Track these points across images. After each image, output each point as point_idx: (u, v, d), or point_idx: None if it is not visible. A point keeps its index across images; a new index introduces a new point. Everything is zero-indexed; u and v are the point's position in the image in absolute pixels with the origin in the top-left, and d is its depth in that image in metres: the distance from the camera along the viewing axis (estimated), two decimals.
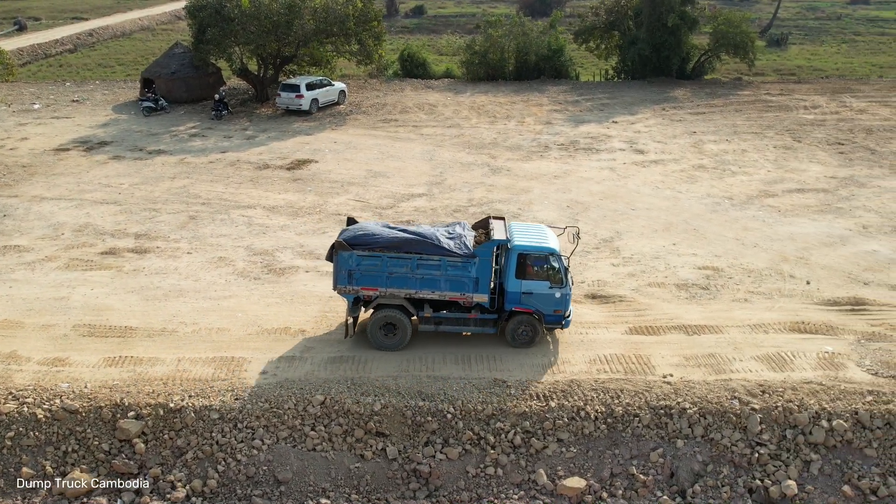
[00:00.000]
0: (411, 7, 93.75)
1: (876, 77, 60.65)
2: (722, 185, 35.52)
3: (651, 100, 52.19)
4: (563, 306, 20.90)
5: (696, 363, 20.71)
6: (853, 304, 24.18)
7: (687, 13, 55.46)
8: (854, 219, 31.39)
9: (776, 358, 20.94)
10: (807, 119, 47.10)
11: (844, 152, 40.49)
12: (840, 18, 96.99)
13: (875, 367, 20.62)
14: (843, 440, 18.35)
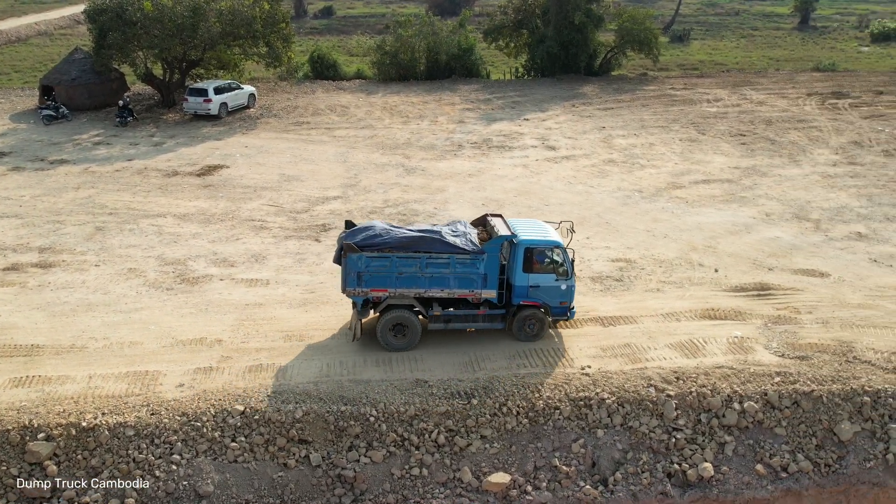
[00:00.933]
0: (320, 8, 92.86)
1: (773, 70, 63.12)
2: (632, 178, 36.40)
3: (561, 97, 53.08)
4: (568, 298, 21.30)
5: (612, 354, 21.15)
6: (759, 290, 25.12)
7: (593, 11, 56.62)
8: (757, 207, 32.62)
9: (689, 345, 21.58)
10: (710, 112, 48.70)
11: (746, 143, 42.02)
12: (738, 14, 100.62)
13: (781, 349, 21.46)
14: (755, 421, 19.04)
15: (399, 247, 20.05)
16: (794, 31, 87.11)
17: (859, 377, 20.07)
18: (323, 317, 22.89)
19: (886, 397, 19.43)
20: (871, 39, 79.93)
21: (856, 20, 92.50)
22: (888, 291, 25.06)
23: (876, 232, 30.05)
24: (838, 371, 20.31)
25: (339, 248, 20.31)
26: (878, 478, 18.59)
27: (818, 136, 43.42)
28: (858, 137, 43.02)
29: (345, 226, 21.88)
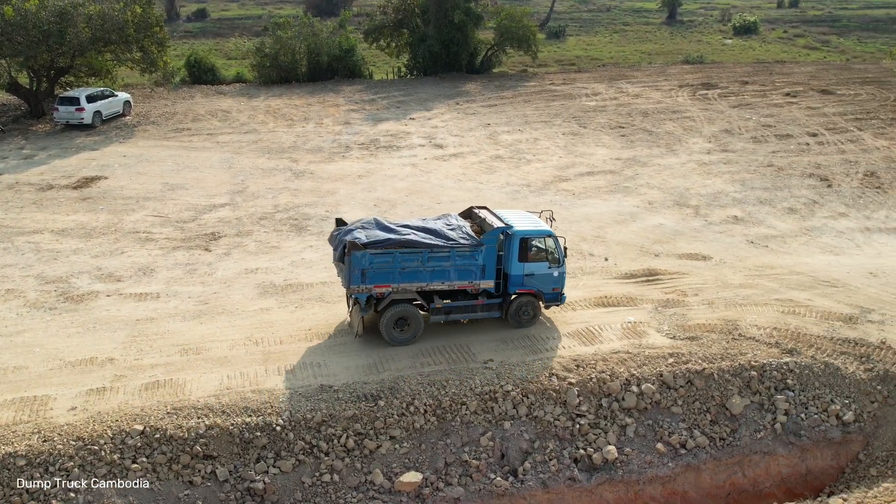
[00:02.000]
0: (193, 10, 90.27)
1: (646, 64, 65.61)
2: (519, 173, 37.09)
3: (445, 95, 53.52)
4: (560, 284, 22.03)
5: (513, 346, 21.49)
6: (648, 275, 26.07)
7: (472, 9, 57.35)
8: (640, 196, 33.85)
9: (586, 333, 22.18)
10: (590, 106, 50.18)
11: (626, 135, 43.53)
12: (609, 10, 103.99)
13: (672, 332, 22.36)
14: (652, 402, 19.76)
15: (402, 244, 20.33)
16: (662, 25, 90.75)
17: (745, 353, 21.13)
18: (219, 328, 22.29)
19: (771, 370, 20.53)
20: (733, 32, 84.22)
21: (719, 14, 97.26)
22: (766, 271, 26.48)
23: (751, 215, 31.72)
24: (726, 349, 21.33)
25: (343, 247, 20.31)
26: (768, 447, 19.63)
27: (692, 125, 45.43)
28: (729, 126, 45.28)
29: (335, 223, 22.16)
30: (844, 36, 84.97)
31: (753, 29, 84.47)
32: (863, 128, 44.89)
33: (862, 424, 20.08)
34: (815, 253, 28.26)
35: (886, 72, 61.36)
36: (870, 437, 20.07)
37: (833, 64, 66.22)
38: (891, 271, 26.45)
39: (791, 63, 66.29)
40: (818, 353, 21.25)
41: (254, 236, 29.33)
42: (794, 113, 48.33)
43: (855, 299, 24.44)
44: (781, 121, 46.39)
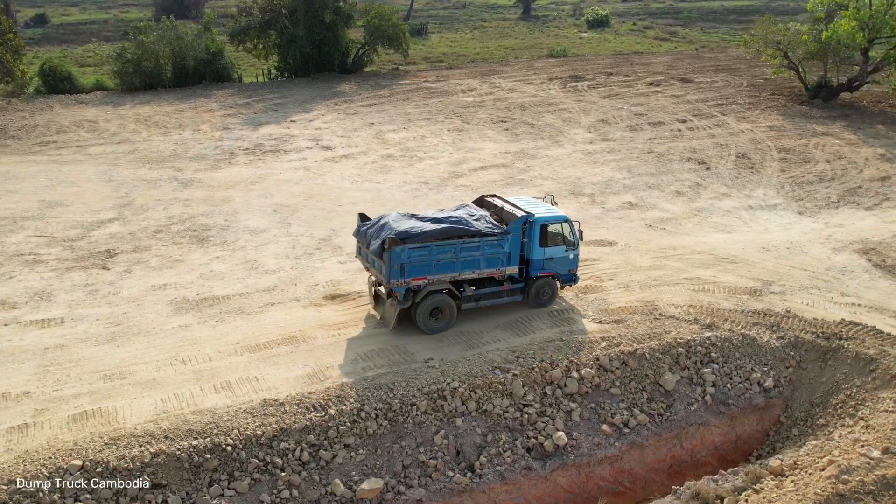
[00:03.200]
0: (31, 16, 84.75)
1: (513, 59, 67.09)
2: (414, 171, 37.09)
3: (321, 96, 52.73)
4: (574, 265, 23.47)
5: (448, 343, 21.50)
6: None
7: (341, 9, 56.76)
8: (536, 187, 34.59)
9: (517, 324, 22.48)
10: (468, 101, 50.79)
11: (509, 128, 44.39)
12: (465, 7, 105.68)
13: (598, 316, 23.04)
14: (593, 385, 20.28)
15: (438, 236, 20.88)
16: (519, 21, 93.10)
17: (669, 331, 22.06)
18: (139, 349, 21.07)
19: (696, 346, 21.53)
20: (587, 26, 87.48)
21: (570, 8, 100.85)
22: (669, 252, 27.72)
23: (643, 200, 33.11)
24: (651, 328, 22.19)
25: (382, 243, 20.54)
26: (701, 418, 20.60)
27: (570, 117, 46.88)
28: (604, 116, 47.03)
29: (359, 219, 22.61)
30: (689, 27, 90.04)
31: (606, 22, 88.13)
32: (725, 113, 47.77)
33: (781, 389, 21.41)
34: (709, 232, 29.85)
35: (734, 59, 65.47)
36: (788, 400, 21.42)
37: (686, 54, 70.02)
38: (780, 245, 28.31)
39: (647, 54, 69.58)
40: (734, 326, 22.47)
41: (153, 251, 27.88)
42: (660, 101, 50.78)
43: (755, 273, 26.00)
44: (651, 109, 48.64)
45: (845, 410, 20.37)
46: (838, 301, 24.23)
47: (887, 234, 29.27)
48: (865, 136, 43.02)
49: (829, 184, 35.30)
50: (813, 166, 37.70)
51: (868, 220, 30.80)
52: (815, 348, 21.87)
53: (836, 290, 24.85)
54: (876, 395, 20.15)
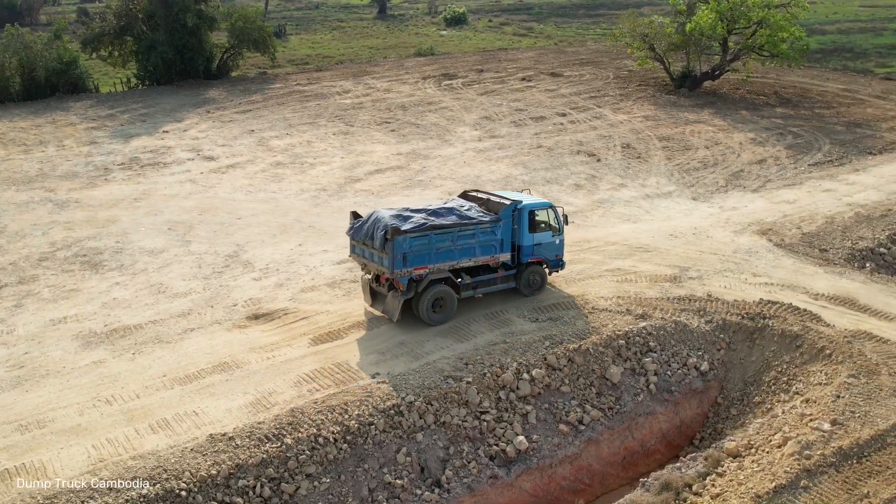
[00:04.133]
0: None
1: (381, 58, 66.42)
2: (308, 178, 35.84)
3: (191, 104, 50.19)
4: (561, 251, 24.25)
5: (392, 355, 20.74)
6: None
7: (204, 12, 54.21)
8: (437, 188, 34.23)
9: (456, 330, 21.96)
10: (346, 104, 49.75)
11: (395, 129, 43.77)
12: (319, 7, 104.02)
13: (533, 315, 22.89)
14: (544, 385, 20.09)
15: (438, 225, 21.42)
16: (376, 20, 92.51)
17: (606, 324, 22.22)
18: (53, 393, 19.05)
19: (634, 336, 21.78)
20: (446, 24, 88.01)
21: (426, 7, 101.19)
22: (584, 245, 28.00)
23: (545, 195, 33.31)
24: (588, 323, 22.27)
25: (384, 233, 20.82)
26: (648, 408, 20.84)
27: (452, 115, 46.80)
28: (486, 113, 47.26)
29: (351, 217, 22.95)
30: (543, 22, 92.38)
31: (463, 20, 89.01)
32: (601, 105, 49.13)
33: (716, 371, 22.00)
34: (616, 223, 30.44)
35: (595, 53, 67.63)
36: (723, 382, 22.04)
37: (548, 49, 71.67)
38: (686, 231, 29.23)
39: (512, 50, 70.71)
40: (665, 314, 22.91)
41: (42, 281, 25.45)
42: (536, 96, 51.61)
43: (670, 260, 26.69)
44: (529, 104, 49.33)
45: (779, 386, 21.17)
46: (752, 282, 25.22)
47: (778, 215, 30.83)
48: (733, 121, 45.37)
49: (713, 169, 36.89)
50: (694, 153, 39.31)
51: (758, 202, 32.37)
52: (743, 329, 22.63)
53: (748, 272, 25.85)
54: (806, 370, 21.05)
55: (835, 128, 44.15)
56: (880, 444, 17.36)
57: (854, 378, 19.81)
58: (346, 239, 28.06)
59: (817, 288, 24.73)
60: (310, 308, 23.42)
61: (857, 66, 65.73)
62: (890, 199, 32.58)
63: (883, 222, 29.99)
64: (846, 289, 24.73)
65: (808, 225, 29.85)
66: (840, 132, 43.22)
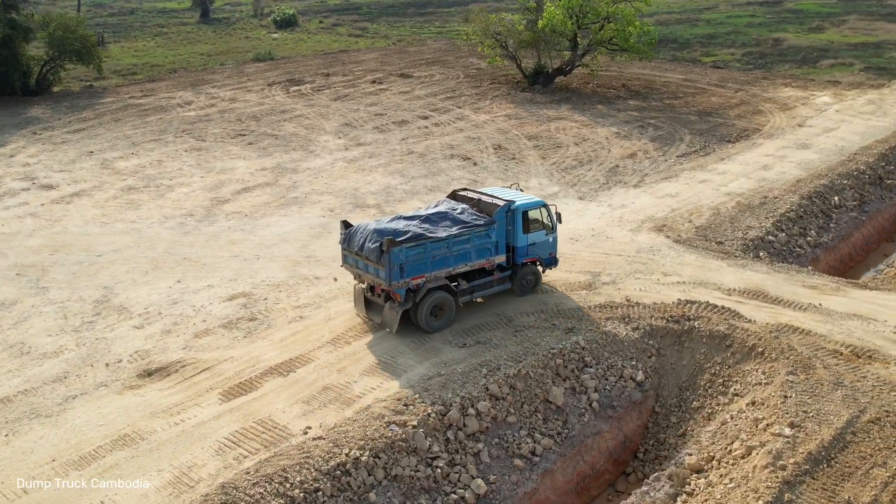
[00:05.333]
0: None
1: (216, 65, 62.37)
2: (169, 203, 32.45)
3: (11, 125, 44.67)
4: (554, 249, 23.88)
5: (318, 404, 18.57)
6: None
7: (17, 21, 48.47)
8: (316, 205, 31.92)
9: (383, 367, 20.06)
10: (191, 116, 46.03)
11: (253, 142, 40.78)
12: (134, 12, 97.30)
13: (453, 339, 21.34)
14: (491, 418, 18.60)
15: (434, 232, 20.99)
16: (200, 24, 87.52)
17: (537, 342, 21.04)
18: None
19: (569, 353, 20.71)
20: (276, 26, 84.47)
21: (251, 9, 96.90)
22: None
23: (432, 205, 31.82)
24: (520, 342, 21.02)
25: (380, 245, 20.15)
26: (595, 427, 19.84)
27: (310, 123, 44.31)
28: (345, 119, 45.12)
29: (342, 226, 22.12)
30: (375, 21, 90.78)
31: (294, 22, 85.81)
32: (460, 105, 48.22)
33: (651, 380, 21.36)
34: None
35: (439, 52, 66.84)
36: (658, 390, 21.45)
37: (390, 49, 70.13)
38: (585, 233, 28.66)
39: (353, 51, 68.61)
40: (591, 325, 22.03)
41: None
42: (392, 99, 49.99)
43: (579, 266, 25.94)
44: (387, 108, 47.64)
45: (715, 389, 20.82)
46: (664, 282, 24.89)
47: (666, 210, 30.95)
48: (593, 116, 45.78)
49: (589, 166, 36.78)
50: (566, 150, 39.12)
51: (643, 198, 32.39)
52: (670, 333, 22.14)
53: (658, 271, 25.53)
54: (740, 370, 20.80)
55: (688, 118, 45.51)
56: (842, 444, 17.16)
57: (793, 375, 19.68)
58: (231, 271, 25.74)
59: (727, 283, 24.75)
60: (210, 356, 20.71)
61: (685, 55, 68.86)
62: (762, 186, 33.60)
63: (764, 210, 30.74)
64: (754, 281, 24.90)
65: (697, 218, 30.10)
66: (695, 122, 44.58)
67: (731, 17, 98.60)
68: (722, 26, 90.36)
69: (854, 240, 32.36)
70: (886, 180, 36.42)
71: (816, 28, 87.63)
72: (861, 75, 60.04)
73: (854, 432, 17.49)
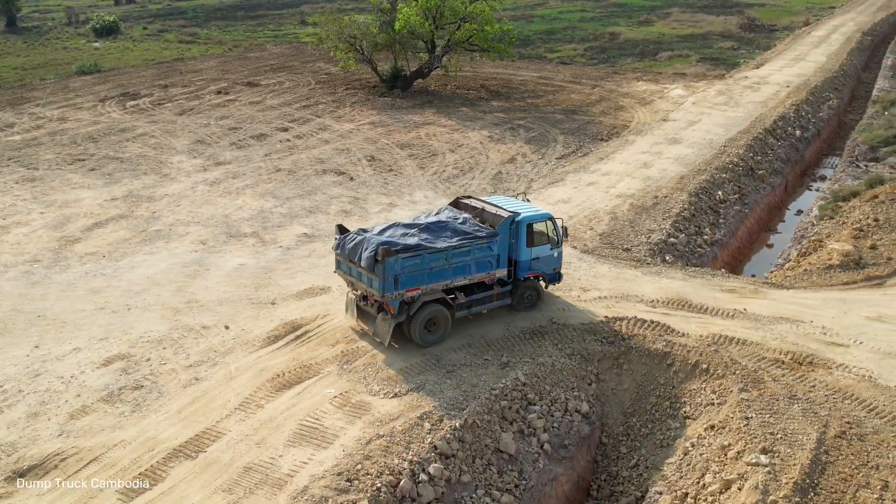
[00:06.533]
0: None
1: (37, 81, 55.86)
2: (6, 248, 27.83)
3: None
4: (559, 264, 22.71)
5: (244, 490, 15.60)
6: (291, 331, 21.76)
7: None
8: (185, 237, 28.36)
9: (310, 433, 17.28)
10: (16, 141, 40.54)
11: (95, 168, 36.23)
12: None
13: (388, 388, 18.90)
14: (445, 481, 16.32)
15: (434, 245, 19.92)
16: (6, 34, 79.17)
17: (475, 383, 19.04)
18: None
19: (510, 391, 18.84)
20: (95, 34, 77.68)
21: (64, 17, 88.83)
22: None
23: (316, 228, 29.10)
24: (457, 387, 18.91)
25: (374, 255, 19.16)
26: (550, 473, 18.08)
27: (158, 143, 40.06)
28: (196, 136, 41.17)
29: (337, 231, 21.24)
30: (204, 26, 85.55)
31: (116, 29, 79.28)
32: (319, 114, 45.33)
33: (594, 409, 19.88)
34: None
35: (281, 57, 63.32)
36: (603, 419, 20.01)
37: (228, 56, 65.81)
38: None
39: (189, 60, 63.75)
40: (525, 356, 20.31)
41: None
42: (244, 110, 46.35)
43: None
44: (240, 121, 44.04)
45: (663, 412, 19.63)
46: (585, 298, 23.52)
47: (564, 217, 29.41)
48: (460, 119, 44.25)
49: (472, 174, 35.14)
50: (443, 158, 37.30)
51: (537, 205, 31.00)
52: (607, 356, 20.77)
53: (576, 287, 24.13)
54: (687, 389, 19.73)
55: (555, 117, 44.92)
56: (821, 468, 16.25)
57: (746, 392, 18.75)
58: (99, 327, 22.29)
59: (648, 293, 23.75)
60: (95, 442, 17.19)
61: (529, 52, 69.02)
62: (649, 186, 33.18)
63: (659, 211, 30.21)
64: (673, 289, 24.05)
65: (597, 224, 29.10)
66: (562, 121, 44.01)
67: (563, 13, 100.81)
68: (557, 22, 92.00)
69: (741, 234, 32.59)
70: (757, 171, 37.16)
71: (646, 21, 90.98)
72: (700, 66, 62.23)
73: (826, 451, 16.65)
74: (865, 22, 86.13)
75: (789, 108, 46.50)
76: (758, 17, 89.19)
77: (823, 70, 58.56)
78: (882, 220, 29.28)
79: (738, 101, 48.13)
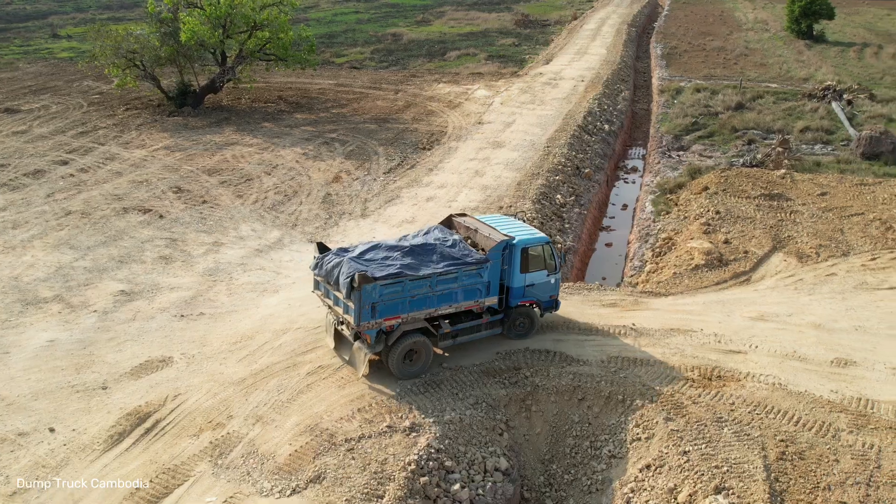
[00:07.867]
0: None
1: None
2: None
3: None
4: (556, 291, 20.93)
5: None
6: (137, 423, 17.80)
7: None
8: None
9: None
10: None
11: None
12: None
13: (279, 484, 15.69)
14: None
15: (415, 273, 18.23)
16: None
17: (384, 459, 16.34)
18: None
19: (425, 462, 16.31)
20: None
21: None
22: (245, 344, 20.87)
23: (135, 282, 24.61)
24: (363, 467, 16.08)
25: (350, 281, 17.46)
26: None
27: None
28: None
29: (317, 249, 19.66)
30: None
31: None
32: (101, 141, 39.69)
33: (512, 463, 17.79)
34: (256, 298, 23.66)
35: (39, 76, 55.65)
36: (522, 471, 17.99)
37: None
38: None
39: None
40: (428, 416, 17.79)
41: None
42: (7, 143, 39.62)
43: None
44: (7, 156, 37.46)
45: (585, 454, 18.06)
46: None
47: None
48: (267, 136, 40.58)
49: (298, 199, 31.82)
50: (261, 183, 33.64)
51: (380, 230, 28.46)
52: (513, 399, 18.87)
53: None
54: (605, 425, 18.26)
55: (368, 127, 42.45)
56: (780, 499, 15.19)
57: (672, 421, 17.53)
58: None
59: None
60: None
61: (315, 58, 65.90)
62: (489, 196, 31.71)
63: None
64: None
65: None
66: (377, 131, 41.65)
67: (337, 15, 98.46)
68: (335, 25, 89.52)
69: (584, 236, 31.97)
70: (583, 169, 36.91)
71: (423, 21, 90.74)
72: (490, 65, 62.32)
73: (777, 478, 15.74)
74: (627, 14, 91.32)
75: (592, 102, 47.20)
76: (530, 14, 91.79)
77: (608, 63, 60.58)
78: (723, 212, 29.66)
79: (543, 99, 48.18)
